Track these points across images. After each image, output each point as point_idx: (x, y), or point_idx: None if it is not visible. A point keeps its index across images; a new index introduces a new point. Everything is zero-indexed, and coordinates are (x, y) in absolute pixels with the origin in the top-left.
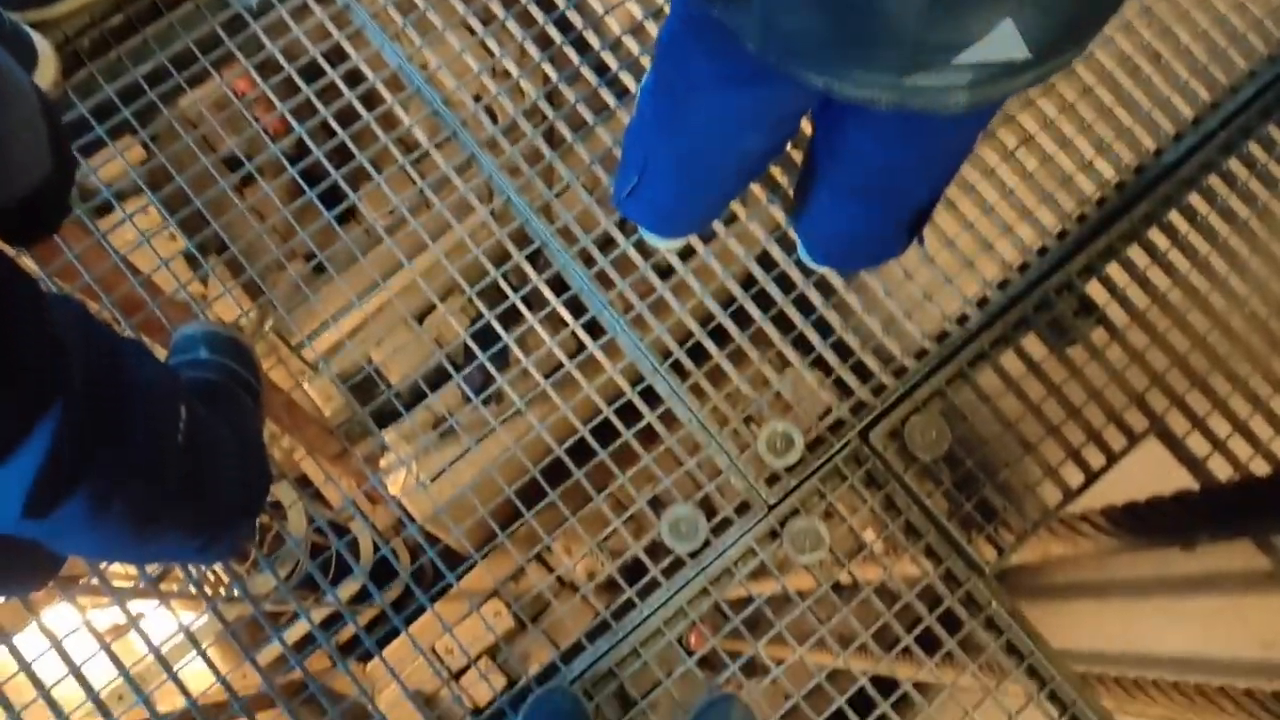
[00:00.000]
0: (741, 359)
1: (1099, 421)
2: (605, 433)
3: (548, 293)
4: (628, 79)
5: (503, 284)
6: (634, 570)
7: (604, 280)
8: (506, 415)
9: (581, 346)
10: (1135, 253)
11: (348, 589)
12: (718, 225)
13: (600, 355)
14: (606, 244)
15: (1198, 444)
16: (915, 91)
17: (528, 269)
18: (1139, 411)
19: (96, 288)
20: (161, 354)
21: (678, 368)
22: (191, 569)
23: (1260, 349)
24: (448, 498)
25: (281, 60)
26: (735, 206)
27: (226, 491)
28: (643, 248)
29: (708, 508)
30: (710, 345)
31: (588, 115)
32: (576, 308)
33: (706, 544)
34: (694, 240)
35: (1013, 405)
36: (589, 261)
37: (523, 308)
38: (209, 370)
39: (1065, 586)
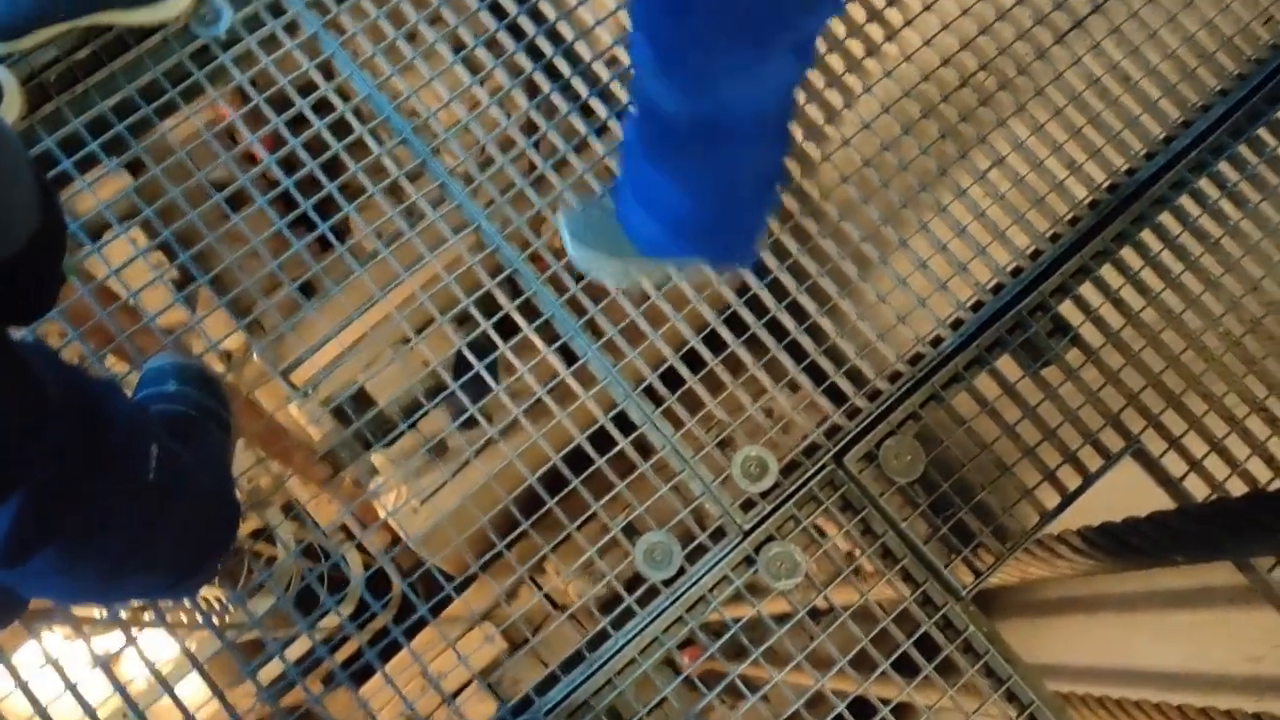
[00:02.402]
0: (715, 383)
1: (1075, 442)
2: (582, 460)
3: (520, 319)
4: (597, 105)
5: (474, 312)
6: (614, 597)
7: (576, 306)
8: (478, 445)
9: (556, 373)
10: (1109, 272)
11: (334, 614)
12: None
13: (572, 381)
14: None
15: (1174, 464)
16: None
17: (500, 296)
18: (1115, 432)
19: (64, 323)
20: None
21: (650, 392)
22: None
23: (1235, 367)
24: (428, 527)
25: (250, 91)
26: None
27: (198, 526)
28: None
29: (683, 534)
30: (683, 370)
31: (559, 143)
32: (551, 334)
33: (681, 571)
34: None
35: (988, 427)
36: (560, 288)
37: (494, 335)
38: (178, 403)
39: (1055, 602)
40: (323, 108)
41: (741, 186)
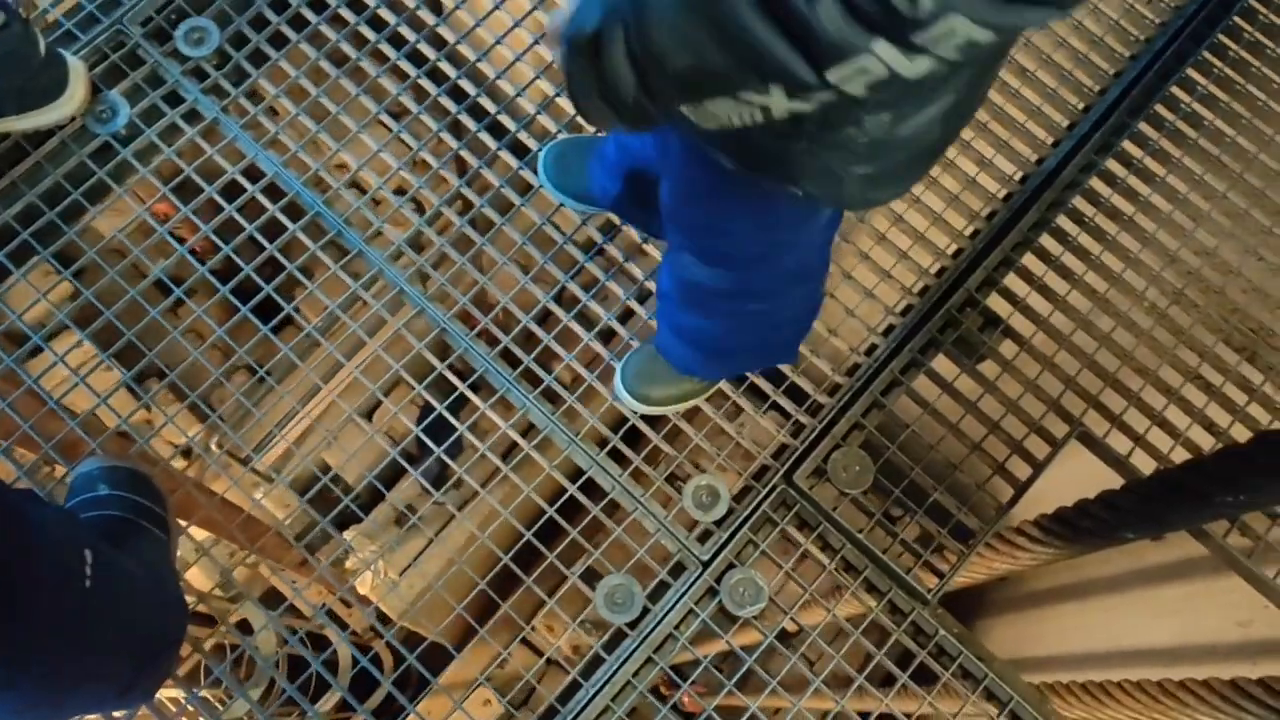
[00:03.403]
0: (657, 418)
1: (1020, 433)
2: (537, 513)
3: (453, 378)
4: (508, 156)
5: (404, 375)
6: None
7: (509, 358)
8: (422, 511)
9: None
10: (1030, 261)
11: (328, 701)
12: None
13: (514, 435)
14: (507, 322)
15: (1119, 442)
16: None
17: (430, 357)
18: (1058, 417)
19: None
20: None
21: (595, 435)
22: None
23: (1165, 339)
24: (404, 604)
25: (155, 181)
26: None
27: (141, 629)
28: (549, 324)
29: (645, 575)
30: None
31: (474, 197)
32: (489, 389)
33: (645, 611)
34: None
35: (933, 427)
36: (491, 340)
37: (427, 396)
38: (110, 506)
39: (1044, 593)
40: (233, 190)
41: (783, 323)
